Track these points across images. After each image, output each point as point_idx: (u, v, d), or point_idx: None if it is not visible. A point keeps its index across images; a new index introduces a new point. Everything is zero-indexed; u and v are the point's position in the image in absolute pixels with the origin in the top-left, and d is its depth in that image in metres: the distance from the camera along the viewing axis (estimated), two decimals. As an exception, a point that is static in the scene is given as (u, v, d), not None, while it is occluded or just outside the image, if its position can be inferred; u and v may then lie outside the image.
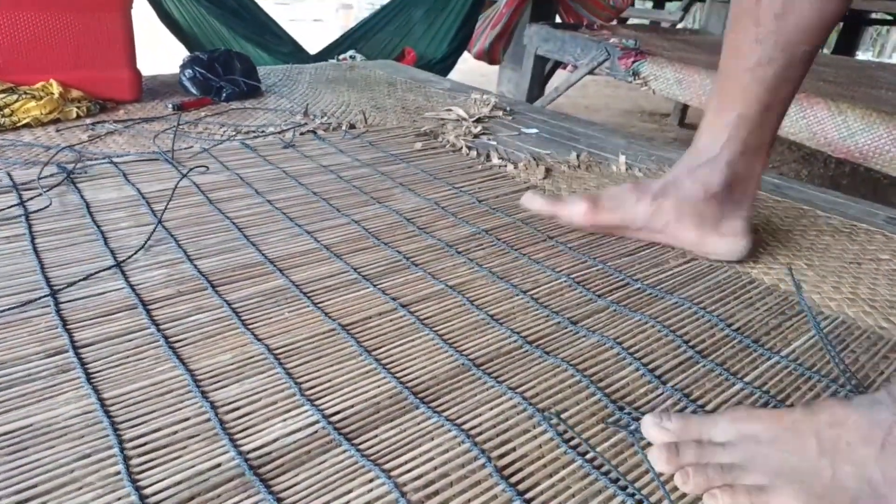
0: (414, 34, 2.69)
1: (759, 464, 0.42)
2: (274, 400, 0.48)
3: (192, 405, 0.47)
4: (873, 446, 0.40)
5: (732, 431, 0.45)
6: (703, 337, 0.60)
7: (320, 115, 1.24)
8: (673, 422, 0.46)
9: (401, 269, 0.69)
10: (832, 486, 0.40)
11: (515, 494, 0.41)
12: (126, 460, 0.42)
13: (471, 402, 0.50)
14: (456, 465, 0.44)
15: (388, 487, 0.41)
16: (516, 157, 1.08)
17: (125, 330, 0.55)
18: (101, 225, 0.74)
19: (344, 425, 0.46)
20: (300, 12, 7.81)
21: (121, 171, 0.89)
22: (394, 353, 0.55)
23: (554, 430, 0.47)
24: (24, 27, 1.09)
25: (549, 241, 0.78)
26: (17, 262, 0.65)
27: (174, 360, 0.52)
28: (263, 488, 0.40)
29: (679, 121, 3.71)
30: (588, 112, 3.80)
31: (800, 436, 0.42)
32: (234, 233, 0.74)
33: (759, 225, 0.86)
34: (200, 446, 0.44)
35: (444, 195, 0.90)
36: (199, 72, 1.30)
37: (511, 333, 0.58)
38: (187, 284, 0.63)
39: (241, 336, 0.56)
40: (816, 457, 0.41)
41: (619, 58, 2.03)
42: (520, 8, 3.07)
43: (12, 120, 1.04)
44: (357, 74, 1.66)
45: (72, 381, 0.49)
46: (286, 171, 0.94)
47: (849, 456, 0.40)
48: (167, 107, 1.22)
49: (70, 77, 1.14)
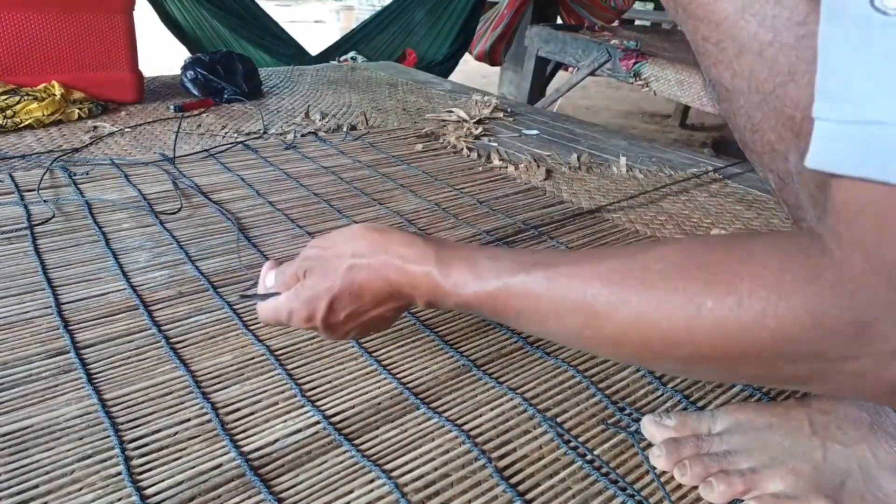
0: (415, 36, 2.70)
1: (753, 448, 0.43)
2: (275, 401, 0.48)
3: (193, 406, 0.47)
4: (863, 429, 0.42)
5: (729, 421, 0.46)
6: (703, 338, 0.60)
7: (321, 117, 1.24)
8: (672, 419, 0.47)
9: (401, 271, 0.69)
10: (823, 466, 0.41)
11: (516, 495, 0.41)
12: (127, 461, 0.42)
13: (471, 402, 0.50)
14: (456, 465, 0.44)
15: (389, 488, 0.41)
16: (517, 159, 1.08)
17: (126, 331, 0.56)
18: (103, 226, 0.74)
19: (345, 426, 0.47)
20: (301, 14, 7.83)
21: (122, 173, 0.89)
22: (394, 353, 0.55)
23: (554, 432, 0.47)
24: (27, 29, 1.09)
25: (550, 242, 0.78)
26: (19, 262, 0.65)
27: (175, 361, 0.52)
28: (264, 489, 0.40)
29: (680, 122, 3.71)
30: (589, 113, 3.80)
31: (792, 420, 0.44)
32: (236, 233, 0.74)
33: (760, 226, 0.86)
34: (201, 447, 0.44)
35: (444, 196, 0.90)
36: (200, 73, 1.30)
37: (512, 334, 0.58)
38: (188, 285, 0.63)
39: (242, 337, 0.56)
40: (808, 439, 0.42)
41: (620, 59, 2.03)
42: (521, 9, 3.08)
43: (14, 121, 1.04)
44: (358, 76, 1.66)
45: (73, 381, 0.49)
46: (287, 173, 0.94)
47: (839, 437, 0.42)
48: (169, 108, 1.22)
49: (72, 78, 1.15)
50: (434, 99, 1.47)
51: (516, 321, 0.40)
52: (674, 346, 0.33)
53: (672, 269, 0.33)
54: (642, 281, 0.34)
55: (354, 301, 0.44)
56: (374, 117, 1.27)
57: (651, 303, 0.33)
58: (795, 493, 0.40)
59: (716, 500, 0.42)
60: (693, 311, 0.31)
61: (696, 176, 1.05)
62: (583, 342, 0.38)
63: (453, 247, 0.43)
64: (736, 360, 0.32)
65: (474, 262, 0.40)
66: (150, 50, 2.07)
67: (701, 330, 0.31)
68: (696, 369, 0.37)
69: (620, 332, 0.34)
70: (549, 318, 0.38)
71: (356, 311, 0.44)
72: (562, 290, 0.37)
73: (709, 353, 0.32)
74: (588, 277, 0.36)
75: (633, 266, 0.35)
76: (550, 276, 0.37)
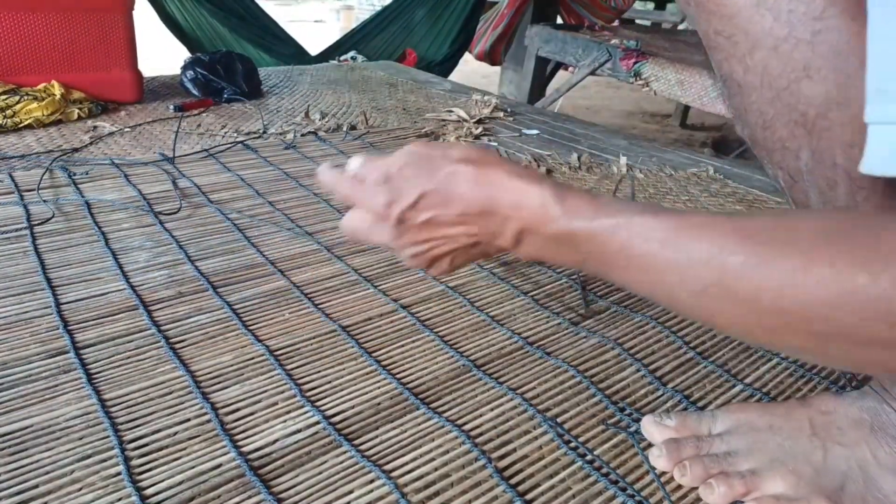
0: (415, 35, 2.69)
1: (754, 449, 0.43)
2: (274, 401, 0.48)
3: (192, 406, 0.47)
4: (863, 430, 0.41)
5: (729, 422, 0.45)
6: (703, 338, 0.60)
7: (321, 117, 1.24)
8: (672, 419, 0.47)
9: (401, 271, 0.69)
10: (824, 467, 0.41)
11: (516, 495, 0.41)
12: (127, 461, 0.42)
13: (471, 403, 0.50)
14: (456, 465, 0.44)
15: (389, 488, 0.41)
16: (517, 159, 1.08)
17: (126, 331, 0.55)
18: (103, 226, 0.74)
19: (344, 426, 0.47)
20: (301, 14, 7.82)
21: (122, 173, 0.89)
22: (394, 354, 0.55)
23: (554, 432, 0.47)
24: (27, 29, 1.09)
25: (550, 243, 0.78)
26: (18, 262, 0.65)
27: (175, 361, 0.52)
28: (264, 489, 0.40)
29: (681, 122, 3.70)
30: (589, 113, 3.80)
31: (793, 421, 0.44)
32: (235, 234, 0.74)
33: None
34: (201, 447, 0.44)
35: (444, 196, 0.90)
36: (200, 73, 1.30)
37: (511, 334, 0.58)
38: (188, 285, 0.63)
39: (241, 337, 0.56)
40: (809, 440, 0.42)
41: (620, 59, 2.03)
42: (521, 9, 3.07)
43: (14, 121, 1.04)
44: (358, 76, 1.66)
45: (73, 381, 0.49)
46: (287, 173, 0.94)
47: (840, 438, 0.42)
48: (168, 108, 1.22)
49: (72, 78, 1.15)
50: (434, 99, 1.47)
51: (623, 269, 0.35)
52: (813, 320, 0.29)
53: (821, 237, 0.30)
54: (788, 244, 0.30)
55: (442, 206, 0.39)
56: (373, 117, 1.27)
57: (797, 270, 0.29)
58: (796, 495, 0.40)
59: (716, 502, 0.41)
60: (844, 285, 0.28)
61: (696, 175, 1.05)
62: (703, 302, 0.33)
63: (573, 187, 0.38)
64: (881, 344, 0.29)
65: (595, 197, 0.37)
66: (150, 50, 2.07)
67: (849, 307, 0.28)
68: (827, 349, 0.32)
69: (753, 296, 0.30)
70: (667, 271, 0.33)
71: (437, 218, 0.39)
72: (693, 240, 0.32)
73: (851, 332, 0.29)
74: (726, 232, 0.32)
75: (778, 228, 0.31)
76: (681, 224, 0.33)
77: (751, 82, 0.40)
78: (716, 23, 0.40)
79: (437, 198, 0.39)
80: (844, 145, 0.37)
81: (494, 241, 0.40)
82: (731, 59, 0.40)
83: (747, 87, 0.40)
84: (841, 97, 0.37)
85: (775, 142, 0.41)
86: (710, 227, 0.32)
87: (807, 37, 0.36)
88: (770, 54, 0.38)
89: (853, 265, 0.28)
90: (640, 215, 0.34)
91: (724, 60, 0.41)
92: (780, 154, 0.41)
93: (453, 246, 0.41)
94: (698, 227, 0.32)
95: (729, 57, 0.40)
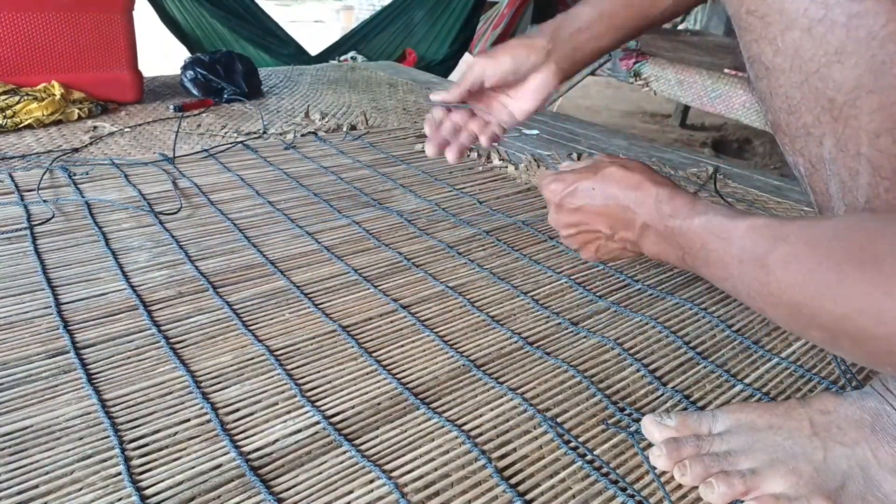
0: (415, 35, 2.69)
1: (754, 449, 0.43)
2: (275, 401, 0.48)
3: (192, 406, 0.47)
4: (863, 429, 0.41)
5: (729, 421, 0.45)
6: (703, 338, 0.60)
7: (321, 117, 1.24)
8: (672, 419, 0.46)
9: (401, 271, 0.69)
10: (824, 467, 0.41)
11: (516, 495, 0.41)
12: (127, 461, 0.42)
13: (471, 402, 0.50)
14: (456, 465, 0.44)
15: (389, 488, 0.41)
16: (517, 159, 1.08)
17: (126, 331, 0.56)
18: (103, 226, 0.74)
19: (344, 426, 0.47)
20: (301, 14, 7.83)
21: (122, 173, 0.89)
22: (394, 354, 0.55)
23: (554, 432, 0.47)
24: (27, 29, 1.09)
25: (550, 242, 0.78)
26: (18, 262, 0.65)
27: (175, 362, 0.52)
28: (264, 489, 0.40)
29: (680, 122, 3.70)
30: (589, 113, 3.79)
31: (793, 421, 0.43)
32: (235, 234, 0.74)
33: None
34: (201, 447, 0.44)
35: (444, 196, 0.90)
36: (200, 73, 1.30)
37: (512, 334, 0.58)
38: (188, 286, 0.63)
39: (241, 337, 0.56)
40: (809, 439, 0.42)
41: (620, 59, 2.03)
42: (521, 9, 3.07)
43: (14, 121, 1.04)
44: (358, 76, 1.66)
45: (73, 381, 0.49)
46: (287, 173, 0.94)
47: (840, 438, 0.42)
48: (169, 108, 1.22)
49: (72, 78, 1.15)
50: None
51: (704, 264, 0.40)
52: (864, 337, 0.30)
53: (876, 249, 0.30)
54: (831, 257, 0.31)
55: (591, 197, 0.49)
56: (373, 117, 1.27)
57: (842, 285, 0.30)
58: (796, 494, 0.40)
59: (716, 501, 0.41)
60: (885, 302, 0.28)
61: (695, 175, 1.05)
62: (757, 299, 0.36)
63: (685, 190, 0.46)
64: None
65: (696, 199, 0.43)
66: (150, 50, 2.07)
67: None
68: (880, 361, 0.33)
69: (797, 303, 0.32)
70: (731, 264, 0.37)
71: (587, 206, 0.50)
72: (754, 237, 0.36)
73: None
74: (784, 235, 0.34)
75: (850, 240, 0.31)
76: (752, 224, 0.37)
77: (779, 65, 0.39)
78: (749, 2, 0.39)
79: (590, 189, 0.49)
80: (870, 134, 0.37)
81: (626, 232, 0.48)
82: (761, 40, 0.40)
83: (775, 70, 0.40)
84: (872, 84, 0.36)
85: (799, 128, 0.40)
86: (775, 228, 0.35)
87: (843, 19, 0.35)
88: (803, 35, 0.37)
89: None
90: (726, 217, 0.38)
91: (753, 41, 0.40)
92: (802, 141, 0.40)
93: (596, 232, 0.50)
94: (764, 227, 0.35)
95: (759, 38, 0.40)
